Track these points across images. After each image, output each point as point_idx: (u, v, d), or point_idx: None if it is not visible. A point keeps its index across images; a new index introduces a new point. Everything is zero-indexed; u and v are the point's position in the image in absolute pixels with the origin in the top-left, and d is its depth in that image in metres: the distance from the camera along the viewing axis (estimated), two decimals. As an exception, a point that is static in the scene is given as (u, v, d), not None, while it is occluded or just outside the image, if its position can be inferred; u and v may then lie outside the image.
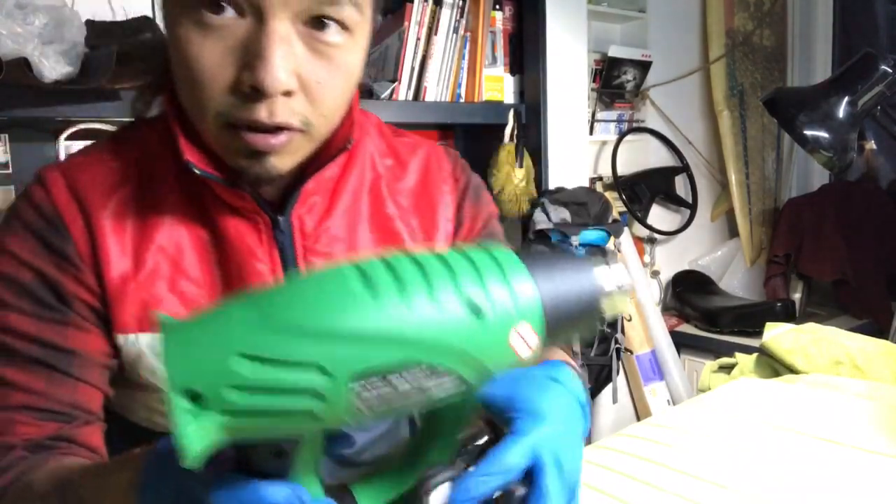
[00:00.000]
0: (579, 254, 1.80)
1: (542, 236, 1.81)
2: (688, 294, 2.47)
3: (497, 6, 1.82)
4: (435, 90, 1.70)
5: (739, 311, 2.29)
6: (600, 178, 2.34)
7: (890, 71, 1.24)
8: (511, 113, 1.82)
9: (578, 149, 2.07)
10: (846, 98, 1.27)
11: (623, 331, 2.01)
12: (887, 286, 2.36)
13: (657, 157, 2.46)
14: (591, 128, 2.26)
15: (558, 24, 1.93)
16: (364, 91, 1.54)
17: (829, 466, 0.82)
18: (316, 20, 0.51)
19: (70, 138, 1.35)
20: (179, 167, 0.57)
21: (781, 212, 2.65)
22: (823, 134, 1.26)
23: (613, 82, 2.28)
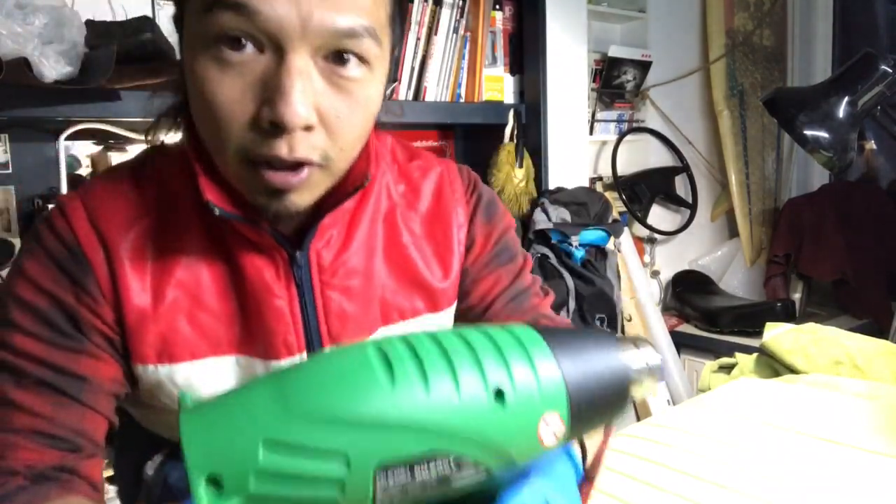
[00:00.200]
0: (578, 257, 1.80)
1: (542, 236, 1.81)
2: (688, 294, 2.47)
3: (497, 6, 1.82)
4: (435, 90, 1.71)
5: (739, 311, 2.29)
6: (600, 178, 2.34)
7: (890, 71, 1.24)
8: (511, 113, 1.82)
9: (578, 149, 2.07)
10: (846, 98, 1.27)
11: (623, 331, 2.01)
12: (887, 286, 2.36)
13: (657, 157, 2.46)
14: (591, 128, 2.26)
15: (558, 24, 1.93)
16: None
17: (829, 466, 0.82)
18: (335, 54, 0.51)
19: (70, 138, 1.35)
20: (198, 201, 0.56)
21: (781, 212, 2.65)
22: (823, 134, 1.26)
23: (613, 82, 2.28)
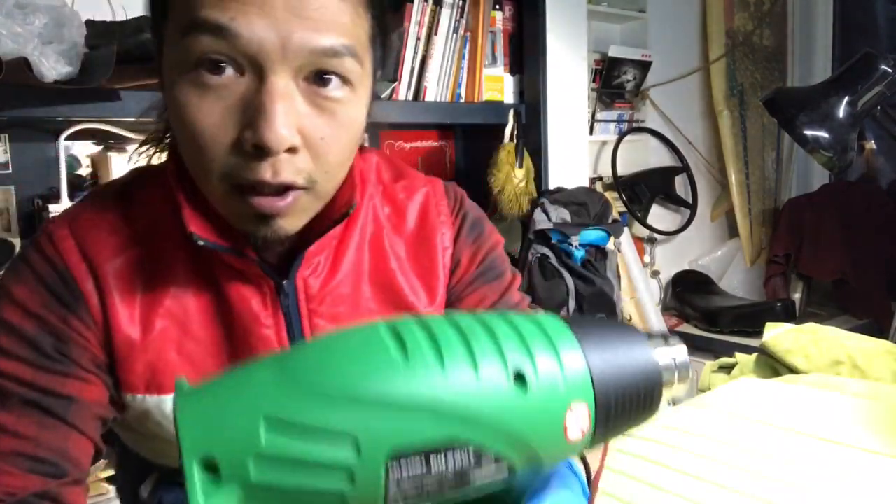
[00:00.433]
0: (578, 257, 1.80)
1: (542, 236, 1.81)
2: (688, 294, 2.47)
3: (497, 6, 1.82)
4: (435, 90, 1.70)
5: (739, 311, 2.29)
6: (600, 178, 2.34)
7: (890, 71, 1.24)
8: (511, 113, 1.82)
9: (578, 149, 2.07)
10: (846, 98, 1.27)
11: (623, 331, 2.00)
12: (887, 286, 2.36)
13: (657, 157, 2.46)
14: (591, 128, 2.26)
15: (558, 24, 1.93)
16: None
17: (829, 466, 0.82)
18: (317, 75, 0.50)
19: (70, 138, 1.35)
20: (184, 230, 0.56)
21: (781, 212, 2.65)
22: (823, 134, 1.26)
23: (613, 82, 2.28)
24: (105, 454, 0.61)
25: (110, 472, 0.87)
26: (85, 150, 1.44)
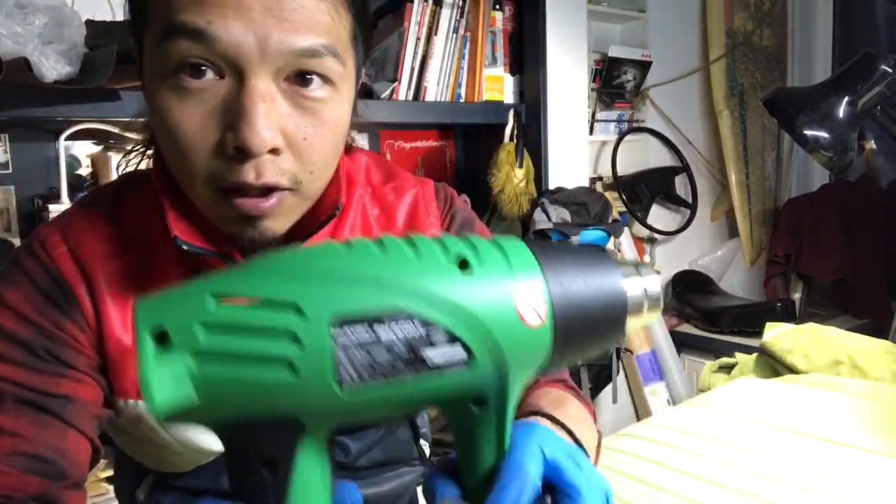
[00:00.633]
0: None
1: (542, 236, 1.81)
2: (688, 294, 2.47)
3: (497, 6, 1.82)
4: (435, 90, 1.70)
5: (739, 311, 2.29)
6: (600, 178, 2.34)
7: (890, 71, 1.24)
8: (511, 113, 1.82)
9: (578, 149, 2.07)
10: (846, 98, 1.27)
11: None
12: (887, 286, 2.36)
13: (657, 157, 2.46)
14: (591, 128, 2.26)
15: (558, 24, 1.93)
16: (364, 91, 1.54)
17: (829, 466, 0.82)
18: (298, 75, 0.50)
19: (70, 138, 1.35)
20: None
21: (781, 212, 2.65)
22: (823, 134, 1.26)
23: (613, 82, 2.28)
24: (104, 454, 0.61)
25: (110, 472, 0.87)
26: (85, 150, 1.44)
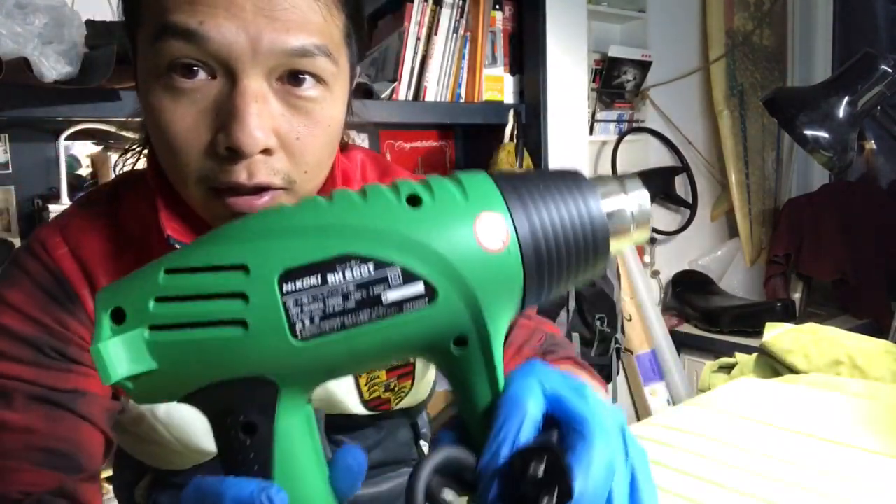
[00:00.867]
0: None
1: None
2: (688, 294, 2.47)
3: (497, 6, 1.82)
4: (435, 90, 1.70)
5: (739, 311, 2.29)
6: (600, 178, 2.34)
7: (890, 71, 1.24)
8: (511, 113, 1.82)
9: (578, 149, 2.07)
10: (846, 98, 1.27)
11: (623, 331, 2.01)
12: (887, 286, 2.36)
13: (657, 157, 2.46)
14: (591, 128, 2.26)
15: (558, 24, 1.93)
16: (364, 91, 1.54)
17: (829, 466, 0.82)
18: (290, 75, 0.50)
19: (70, 138, 1.35)
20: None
21: (781, 212, 2.65)
22: (823, 134, 1.26)
23: (613, 82, 2.28)
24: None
25: (109, 472, 0.87)
26: (85, 150, 1.44)
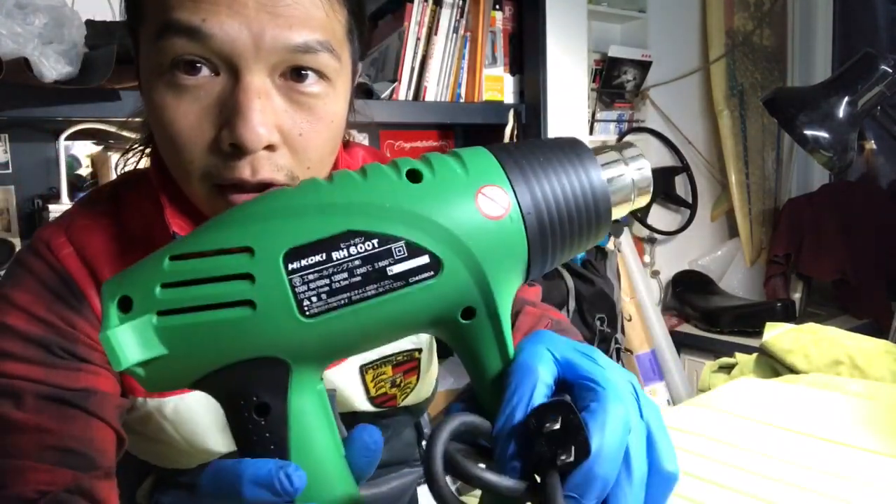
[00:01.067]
0: (578, 257, 1.80)
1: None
2: (688, 294, 2.47)
3: (497, 6, 1.82)
4: (435, 90, 1.70)
5: (739, 311, 2.29)
6: (600, 178, 2.34)
7: (890, 71, 1.24)
8: (511, 113, 1.82)
9: (578, 149, 2.07)
10: (846, 98, 1.27)
11: (623, 331, 2.01)
12: (887, 286, 2.36)
13: (657, 157, 2.46)
14: (591, 128, 2.26)
15: (558, 24, 1.93)
16: (364, 91, 1.54)
17: (829, 466, 0.82)
18: (293, 71, 0.50)
19: (70, 138, 1.35)
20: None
21: (781, 212, 2.65)
22: (823, 134, 1.26)
23: (613, 82, 2.28)
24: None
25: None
26: (85, 150, 1.44)
